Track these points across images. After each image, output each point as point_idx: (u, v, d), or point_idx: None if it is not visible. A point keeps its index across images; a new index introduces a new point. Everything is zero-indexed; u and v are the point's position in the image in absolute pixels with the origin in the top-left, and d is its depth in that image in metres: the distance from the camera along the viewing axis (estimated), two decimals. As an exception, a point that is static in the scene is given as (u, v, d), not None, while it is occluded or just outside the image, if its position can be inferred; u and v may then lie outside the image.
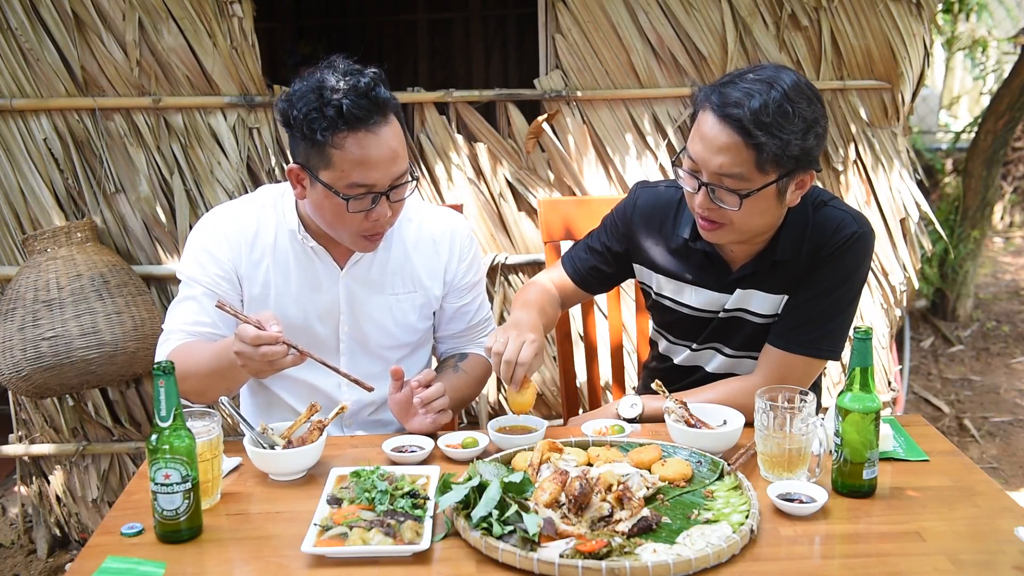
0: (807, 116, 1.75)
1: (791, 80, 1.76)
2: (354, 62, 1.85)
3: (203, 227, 2.01)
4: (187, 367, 1.81)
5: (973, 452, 3.98)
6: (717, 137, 1.75)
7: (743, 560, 1.42)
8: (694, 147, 1.81)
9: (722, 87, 1.77)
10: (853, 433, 1.60)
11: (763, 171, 1.76)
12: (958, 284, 5.41)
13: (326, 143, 1.77)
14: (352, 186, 1.81)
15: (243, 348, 1.67)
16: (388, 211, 1.87)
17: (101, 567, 1.43)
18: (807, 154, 1.77)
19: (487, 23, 7.21)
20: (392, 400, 1.91)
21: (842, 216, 1.92)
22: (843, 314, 1.95)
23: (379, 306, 2.05)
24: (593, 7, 2.97)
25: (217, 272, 1.96)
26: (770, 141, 1.72)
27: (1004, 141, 5.06)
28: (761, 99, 1.72)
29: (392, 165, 1.82)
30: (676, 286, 2.05)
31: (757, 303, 1.98)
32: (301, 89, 1.80)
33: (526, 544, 1.41)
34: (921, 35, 3.14)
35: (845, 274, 1.91)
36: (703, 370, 2.12)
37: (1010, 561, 1.42)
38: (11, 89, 2.89)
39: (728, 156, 1.75)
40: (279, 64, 6.79)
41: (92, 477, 3.14)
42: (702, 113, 1.79)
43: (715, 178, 1.79)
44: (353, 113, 1.76)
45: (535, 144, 3.06)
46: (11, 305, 2.77)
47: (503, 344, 1.83)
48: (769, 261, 1.93)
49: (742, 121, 1.72)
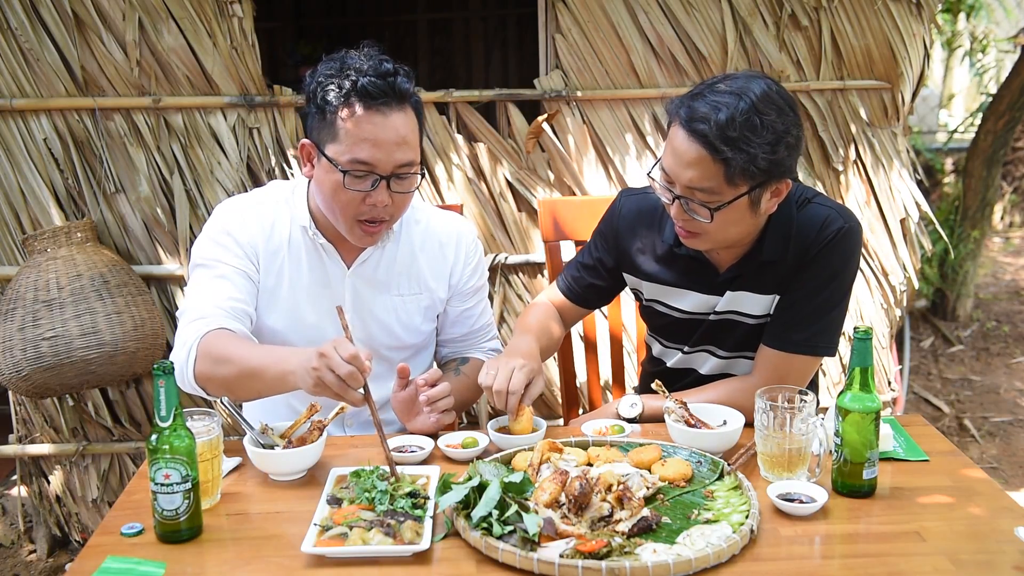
0: (777, 128, 1.73)
1: (761, 90, 1.74)
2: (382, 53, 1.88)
3: (224, 212, 2.00)
4: (231, 354, 1.78)
5: (973, 452, 3.98)
6: (686, 152, 1.75)
7: (743, 560, 1.42)
8: (666, 160, 1.81)
9: (691, 100, 1.76)
10: (853, 433, 1.60)
11: (733, 184, 1.75)
12: (958, 284, 5.41)
13: (336, 114, 1.80)
14: (352, 161, 1.81)
15: (334, 359, 1.61)
16: (388, 199, 1.85)
17: (101, 567, 1.43)
18: (778, 165, 1.76)
19: (487, 23, 7.22)
20: (396, 398, 1.91)
21: (827, 212, 1.91)
22: (836, 310, 1.94)
23: (384, 306, 2.05)
24: (593, 7, 2.97)
25: (242, 253, 1.95)
26: (737, 156, 1.70)
27: (1004, 141, 5.06)
28: (728, 112, 1.70)
29: (396, 150, 1.82)
30: (665, 291, 2.05)
31: (748, 304, 1.98)
32: (328, 65, 1.83)
33: (526, 544, 1.41)
34: (921, 35, 3.14)
35: (835, 270, 1.91)
36: (696, 372, 2.12)
37: (1010, 561, 1.42)
38: (11, 89, 2.89)
39: (697, 171, 1.75)
40: (279, 64, 6.79)
41: (92, 477, 3.14)
42: (673, 127, 1.79)
43: (686, 191, 1.79)
44: (366, 89, 1.78)
45: (535, 144, 3.06)
46: (11, 305, 2.77)
47: (492, 376, 1.83)
48: (756, 262, 1.93)
49: (708, 136, 1.71)
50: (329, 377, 1.63)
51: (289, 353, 1.75)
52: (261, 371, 1.75)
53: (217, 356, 1.79)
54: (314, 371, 1.64)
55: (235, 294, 1.92)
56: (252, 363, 1.77)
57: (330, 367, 1.62)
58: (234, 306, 1.90)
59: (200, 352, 1.81)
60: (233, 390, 1.84)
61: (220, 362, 1.79)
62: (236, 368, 1.78)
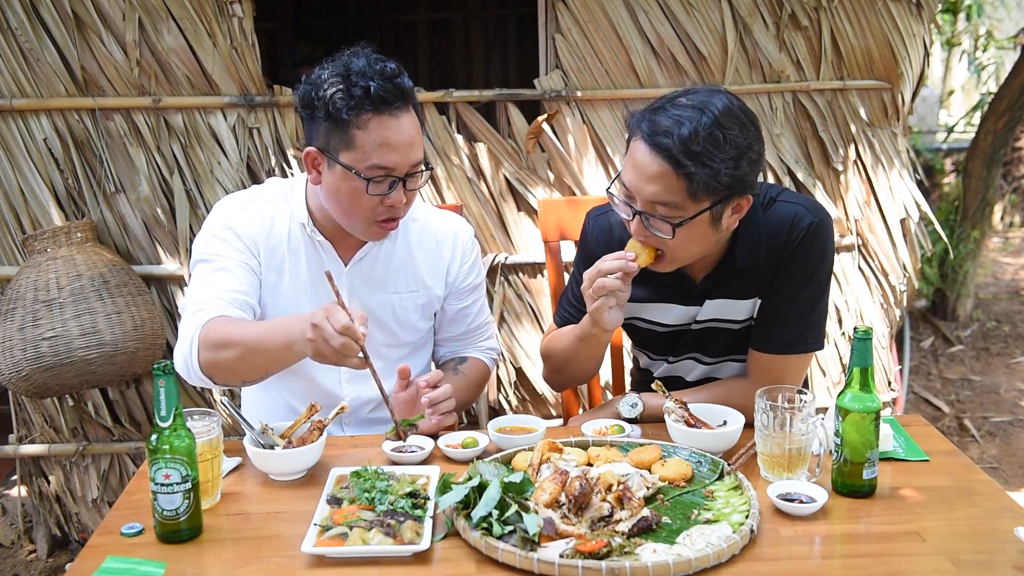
0: (739, 143, 1.71)
1: (723, 104, 1.72)
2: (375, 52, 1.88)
3: (224, 207, 2.01)
4: (231, 335, 1.79)
5: (973, 452, 3.98)
6: (649, 166, 1.73)
7: (743, 560, 1.42)
8: (627, 175, 1.79)
9: (653, 113, 1.74)
10: (853, 433, 1.60)
11: (695, 199, 1.74)
12: (958, 284, 5.41)
13: (350, 123, 1.80)
14: (373, 168, 1.82)
15: (326, 329, 1.63)
16: (404, 197, 1.89)
17: (101, 567, 1.43)
18: (740, 181, 1.74)
19: (487, 23, 7.22)
20: (397, 399, 1.91)
21: (795, 209, 1.89)
22: (819, 305, 1.94)
23: (381, 304, 2.05)
24: (593, 7, 2.97)
25: (243, 247, 1.95)
26: (700, 171, 1.69)
27: (1004, 141, 5.06)
28: (691, 127, 1.69)
29: (411, 151, 1.85)
30: (644, 307, 2.03)
31: (729, 311, 1.96)
32: (326, 72, 1.83)
33: (526, 544, 1.41)
34: (921, 35, 3.14)
35: (812, 267, 1.90)
36: (683, 380, 2.11)
37: (1010, 561, 1.42)
38: (11, 89, 2.89)
39: (659, 185, 1.73)
40: (279, 64, 6.80)
41: (92, 477, 3.14)
42: (634, 141, 1.77)
43: (648, 206, 1.77)
44: (380, 95, 1.79)
45: (535, 144, 3.06)
46: (11, 305, 2.77)
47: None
48: (731, 269, 1.91)
49: (671, 151, 1.69)
50: (325, 348, 1.65)
51: (287, 323, 1.76)
52: (264, 345, 1.76)
53: (218, 342, 1.80)
54: (311, 343, 1.66)
55: (236, 286, 1.92)
56: (253, 340, 1.77)
57: (324, 338, 1.64)
58: (236, 297, 1.90)
59: (201, 342, 1.82)
60: (239, 373, 1.84)
61: (222, 347, 1.79)
62: (239, 349, 1.78)
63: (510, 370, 3.17)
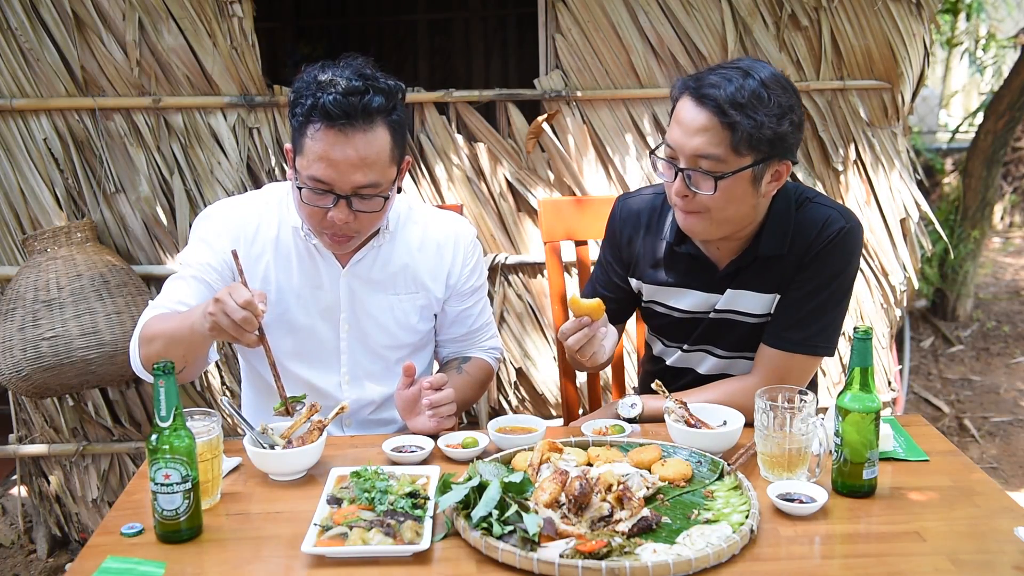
0: (782, 103, 1.80)
1: (768, 72, 1.82)
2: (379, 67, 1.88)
3: (204, 218, 2.05)
4: (155, 330, 1.87)
5: (973, 452, 3.98)
6: (695, 119, 1.80)
7: (743, 560, 1.42)
8: (672, 134, 1.85)
9: (700, 75, 1.84)
10: (853, 433, 1.61)
11: (738, 153, 1.79)
12: (958, 284, 5.41)
13: (304, 130, 1.82)
14: (310, 178, 1.83)
15: (228, 304, 1.67)
16: (348, 217, 1.85)
17: (101, 567, 1.43)
18: (782, 140, 1.81)
19: (487, 23, 7.21)
20: (399, 395, 1.92)
21: (828, 212, 1.93)
22: (836, 310, 1.95)
23: (380, 305, 2.05)
24: (593, 7, 2.97)
25: (210, 261, 1.98)
26: (744, 121, 1.76)
27: (1004, 141, 5.06)
28: (737, 83, 1.78)
29: (354, 172, 1.81)
30: (665, 291, 2.06)
31: (748, 303, 1.98)
32: (309, 74, 1.85)
33: (526, 544, 1.41)
34: (921, 35, 3.14)
35: (836, 270, 1.92)
36: (695, 372, 2.12)
37: (1010, 561, 1.42)
38: (11, 89, 2.89)
39: (705, 137, 1.79)
40: (279, 64, 6.79)
41: (92, 477, 3.14)
42: (680, 101, 1.85)
43: (692, 161, 1.82)
44: (329, 109, 1.78)
45: (535, 144, 3.06)
46: (11, 305, 2.77)
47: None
48: (754, 257, 1.94)
49: (718, 101, 1.77)
50: (224, 321, 1.69)
51: (194, 308, 1.82)
52: (178, 334, 1.82)
53: (147, 337, 1.88)
54: (210, 315, 1.70)
55: (184, 296, 1.95)
56: (171, 330, 1.84)
57: (225, 311, 1.68)
58: (176, 306, 1.94)
59: (140, 340, 1.91)
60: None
61: (151, 341, 1.87)
62: (161, 340, 1.85)
63: (510, 370, 3.17)
